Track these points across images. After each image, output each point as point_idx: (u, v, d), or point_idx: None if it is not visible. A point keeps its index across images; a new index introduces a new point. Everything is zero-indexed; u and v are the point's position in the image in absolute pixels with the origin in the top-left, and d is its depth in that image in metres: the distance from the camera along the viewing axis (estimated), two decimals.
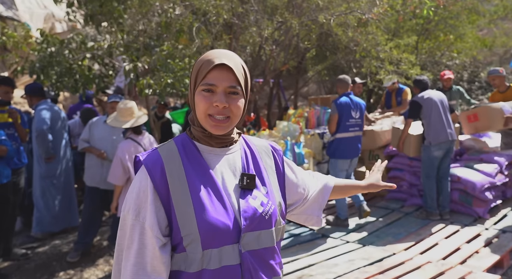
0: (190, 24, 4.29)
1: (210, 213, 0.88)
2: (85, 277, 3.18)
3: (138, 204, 0.90)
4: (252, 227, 0.92)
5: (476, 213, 3.84)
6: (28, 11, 7.48)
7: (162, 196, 0.89)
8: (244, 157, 1.00)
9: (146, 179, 0.90)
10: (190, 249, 0.89)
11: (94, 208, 3.49)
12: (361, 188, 1.25)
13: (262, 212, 0.94)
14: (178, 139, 0.98)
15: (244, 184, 0.95)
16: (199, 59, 0.95)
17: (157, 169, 0.90)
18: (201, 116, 0.93)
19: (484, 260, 2.97)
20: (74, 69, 3.93)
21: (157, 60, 3.65)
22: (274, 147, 1.10)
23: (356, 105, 3.80)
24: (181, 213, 0.88)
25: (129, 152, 2.88)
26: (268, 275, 0.96)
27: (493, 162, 4.13)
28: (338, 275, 2.83)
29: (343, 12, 4.60)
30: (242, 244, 0.91)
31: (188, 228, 0.88)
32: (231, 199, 0.93)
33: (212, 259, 0.88)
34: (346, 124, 3.75)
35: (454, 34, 8.47)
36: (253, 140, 1.08)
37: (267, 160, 1.05)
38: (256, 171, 1.00)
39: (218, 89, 0.91)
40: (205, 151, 0.96)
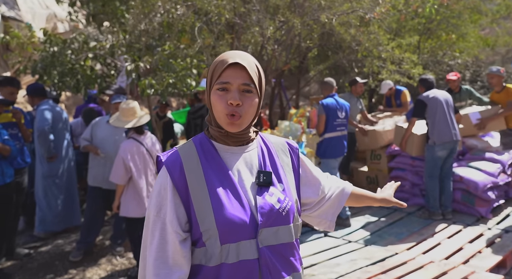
0: (192, 24, 4.29)
1: (227, 209, 0.92)
2: (87, 276, 3.19)
3: (159, 201, 0.94)
4: (269, 223, 0.95)
5: (478, 213, 3.83)
6: (30, 11, 7.50)
7: (181, 193, 0.94)
8: (260, 154, 1.03)
9: (166, 178, 0.95)
10: (209, 243, 0.92)
11: (97, 208, 3.49)
12: (375, 200, 1.26)
13: (279, 208, 0.96)
14: (196, 139, 1.02)
15: (261, 181, 0.97)
16: (214, 60, 0.99)
17: (176, 168, 0.95)
18: (218, 115, 0.95)
19: (487, 260, 2.97)
20: (76, 69, 3.94)
21: (159, 60, 3.65)
22: (291, 145, 1.12)
23: (341, 106, 3.97)
24: (199, 209, 0.92)
25: (131, 151, 2.89)
26: (287, 270, 0.98)
27: (496, 162, 4.11)
28: (340, 274, 2.83)
29: (345, 12, 4.59)
30: (260, 240, 0.93)
31: (207, 223, 0.91)
32: (248, 196, 0.96)
33: (230, 254, 0.91)
34: (333, 124, 3.90)
35: (456, 33, 8.44)
36: (270, 137, 1.11)
37: (283, 157, 1.07)
38: (273, 168, 1.03)
39: (232, 87, 0.93)
40: (222, 149, 0.99)
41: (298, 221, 1.04)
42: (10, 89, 3.29)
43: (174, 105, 9.68)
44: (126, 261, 3.43)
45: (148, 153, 2.96)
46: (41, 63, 3.79)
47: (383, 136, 4.72)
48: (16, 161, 3.13)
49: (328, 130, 3.89)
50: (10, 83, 3.31)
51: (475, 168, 4.02)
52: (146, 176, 3.00)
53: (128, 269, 3.27)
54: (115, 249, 3.54)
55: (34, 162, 3.87)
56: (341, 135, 3.95)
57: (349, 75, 7.92)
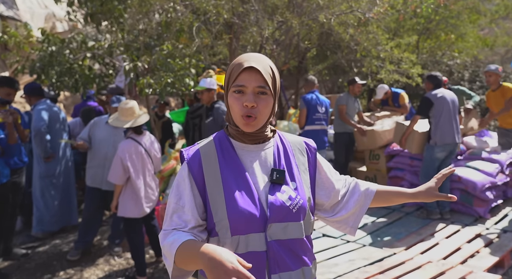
0: (190, 24, 4.28)
1: (239, 203, 0.98)
2: (85, 276, 3.18)
3: (179, 191, 1.03)
4: (279, 218, 1.00)
5: (477, 213, 3.83)
6: (29, 10, 7.49)
7: (199, 185, 1.02)
8: (276, 153, 1.08)
9: (185, 170, 1.04)
10: (221, 234, 0.99)
11: (95, 208, 3.49)
12: (407, 195, 1.17)
13: (289, 205, 1.01)
14: (216, 136, 1.09)
15: (274, 179, 1.02)
16: (231, 63, 1.05)
17: (195, 162, 1.03)
18: (235, 116, 1.02)
19: (484, 260, 2.96)
20: (74, 69, 3.93)
21: (157, 60, 3.64)
22: (308, 144, 1.15)
23: (321, 102, 4.26)
24: (214, 201, 1.00)
25: (129, 151, 2.88)
26: (296, 264, 1.01)
27: (494, 162, 4.11)
28: (338, 275, 2.82)
29: (343, 12, 4.59)
30: (269, 234, 0.99)
31: (219, 215, 0.98)
32: (260, 192, 1.01)
33: (240, 244, 0.98)
34: (313, 118, 4.20)
35: (455, 33, 8.45)
36: (289, 136, 1.15)
37: (300, 156, 1.11)
38: (287, 166, 1.07)
39: (248, 90, 0.99)
40: (239, 147, 1.06)
41: (311, 218, 1.08)
42: (7, 90, 3.27)
43: (173, 105, 9.66)
44: (124, 261, 3.42)
45: (146, 153, 2.95)
46: (39, 63, 3.78)
47: (381, 136, 4.71)
48: (13, 161, 3.12)
49: (307, 123, 4.20)
50: (7, 83, 3.29)
51: (473, 168, 4.02)
52: (144, 176, 2.99)
53: (126, 269, 3.26)
54: (113, 249, 3.54)
55: (32, 161, 3.86)
56: (320, 129, 4.22)
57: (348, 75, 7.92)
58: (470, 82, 8.02)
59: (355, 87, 4.78)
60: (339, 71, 8.38)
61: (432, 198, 1.14)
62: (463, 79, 8.06)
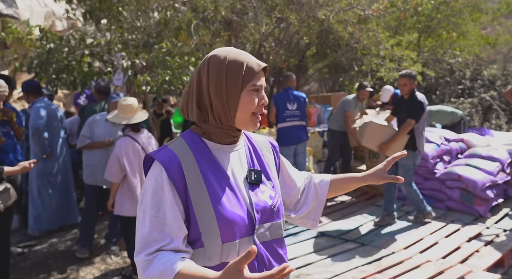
0: (189, 21, 4.26)
1: (227, 207, 0.92)
2: (81, 275, 3.16)
3: (156, 201, 0.90)
4: (264, 219, 0.98)
5: (477, 212, 3.79)
6: (28, 9, 7.48)
7: (180, 192, 0.91)
8: (248, 153, 1.05)
9: (161, 176, 0.91)
10: (209, 243, 0.91)
11: (95, 206, 3.50)
12: (358, 180, 1.18)
13: (271, 204, 1.00)
14: (186, 136, 1.00)
15: (252, 179, 0.99)
16: (231, 60, 0.95)
17: (174, 166, 0.92)
18: (245, 115, 0.97)
19: (484, 259, 2.93)
20: (73, 66, 3.91)
21: (155, 58, 3.62)
22: (273, 143, 1.15)
23: (293, 99, 4.28)
24: (199, 208, 0.91)
25: (126, 149, 2.86)
26: (279, 264, 1.00)
27: (495, 160, 4.07)
28: (336, 274, 2.80)
29: (342, 9, 4.55)
30: (257, 236, 0.96)
31: (207, 222, 0.91)
32: (242, 194, 0.97)
33: (231, 252, 0.92)
34: (283, 115, 4.25)
35: (456, 32, 8.39)
36: (254, 136, 1.12)
37: (268, 155, 1.10)
38: (261, 166, 1.05)
39: (261, 89, 0.98)
40: (215, 148, 0.99)
41: (284, 216, 1.09)
42: None
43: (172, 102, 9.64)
44: (121, 260, 3.40)
45: (143, 151, 2.93)
46: (37, 60, 3.76)
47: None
48: (8, 159, 3.11)
49: (279, 121, 4.27)
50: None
51: (473, 167, 3.98)
52: (141, 174, 2.97)
53: (123, 268, 3.24)
54: (109, 248, 3.52)
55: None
56: (292, 125, 4.26)
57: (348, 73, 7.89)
58: (472, 81, 7.96)
59: (361, 94, 4.73)
60: (340, 69, 8.34)
61: (380, 180, 1.13)
62: (464, 78, 7.99)
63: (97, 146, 3.47)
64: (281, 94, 4.39)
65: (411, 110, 3.57)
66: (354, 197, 4.73)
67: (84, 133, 3.49)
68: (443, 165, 4.31)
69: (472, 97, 7.51)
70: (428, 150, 4.20)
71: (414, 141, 3.61)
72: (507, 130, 6.70)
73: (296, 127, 4.28)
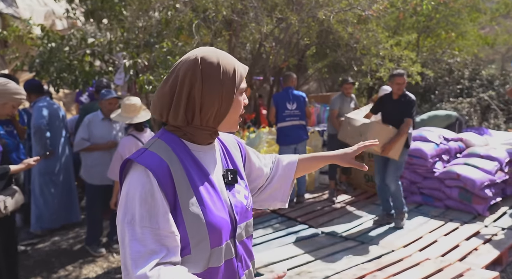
0: (190, 21, 4.28)
1: (214, 212, 0.90)
2: (84, 273, 3.19)
3: (147, 209, 0.83)
4: (241, 219, 0.98)
5: (475, 210, 3.83)
6: (28, 8, 7.48)
7: (169, 198, 0.86)
8: (221, 152, 1.03)
9: (150, 182, 0.84)
10: (198, 250, 0.88)
11: (101, 204, 3.50)
12: (325, 158, 1.20)
13: (246, 205, 1.00)
14: (164, 137, 0.93)
15: (229, 179, 0.98)
16: (225, 64, 0.92)
17: (162, 171, 0.86)
18: (234, 117, 0.96)
19: (483, 257, 2.97)
20: (74, 65, 3.93)
21: (156, 57, 3.64)
22: (238, 140, 1.14)
23: (292, 99, 4.32)
24: (188, 215, 0.87)
25: (130, 148, 2.89)
26: (250, 260, 1.02)
27: (493, 159, 4.11)
28: (336, 271, 2.83)
29: (342, 9, 4.58)
30: (236, 237, 0.96)
31: (196, 229, 0.87)
32: (224, 196, 0.95)
33: (218, 256, 0.90)
34: (283, 115, 4.30)
35: (455, 32, 8.43)
36: (221, 135, 1.09)
37: (236, 153, 1.09)
38: (233, 165, 1.04)
39: (245, 90, 0.99)
40: (195, 149, 0.95)
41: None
42: None
43: None
44: None
45: None
46: (39, 59, 3.78)
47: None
48: (12, 158, 3.12)
49: (279, 120, 4.32)
50: None
51: (472, 166, 4.02)
52: None
53: None
54: (111, 246, 3.54)
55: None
56: (291, 125, 4.31)
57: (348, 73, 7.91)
58: (470, 81, 8.00)
59: (344, 89, 4.63)
60: (339, 69, 8.36)
61: (345, 164, 1.17)
62: (463, 78, 8.03)
63: (101, 147, 3.42)
64: (280, 93, 4.42)
65: (408, 109, 3.59)
66: (354, 195, 4.77)
67: (83, 136, 3.38)
68: (442, 164, 4.35)
69: (470, 97, 7.54)
70: (427, 149, 4.24)
71: (407, 139, 3.66)
72: (505, 129, 6.75)
73: (296, 126, 4.32)
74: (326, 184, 5.17)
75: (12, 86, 2.28)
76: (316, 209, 4.30)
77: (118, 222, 0.85)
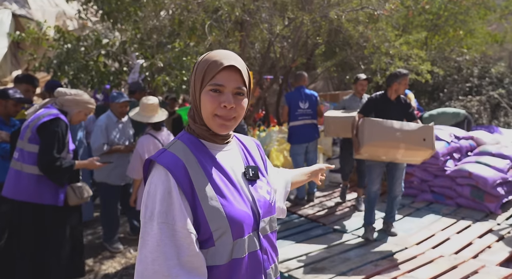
0: (202, 22, 4.34)
1: (234, 205, 0.94)
2: (103, 269, 3.27)
3: (165, 206, 0.88)
4: (264, 214, 1.02)
5: (487, 209, 3.85)
6: (40, 9, 7.58)
7: (187, 195, 0.90)
8: (242, 151, 1.08)
9: (168, 181, 0.89)
10: (221, 242, 0.92)
11: (116, 202, 3.58)
12: (306, 176, 1.42)
13: (269, 199, 1.04)
14: (183, 138, 0.99)
15: (251, 175, 1.02)
16: (203, 59, 0.96)
17: (179, 169, 0.91)
18: (207, 115, 0.95)
19: (496, 254, 3.00)
20: (90, 66, 4.01)
21: (172, 58, 3.71)
22: (256, 142, 1.19)
23: (305, 98, 4.34)
24: (208, 209, 0.91)
25: (148, 147, 2.96)
26: (275, 254, 1.07)
27: (505, 157, 4.12)
28: (351, 268, 2.88)
29: (354, 9, 4.61)
30: (260, 231, 1.00)
31: (218, 222, 0.91)
32: (244, 191, 0.99)
33: (241, 248, 0.94)
34: (295, 114, 4.32)
35: (464, 29, 8.39)
36: (241, 136, 1.15)
37: (256, 153, 1.14)
38: (254, 163, 1.09)
39: (226, 90, 0.94)
40: (212, 148, 1.00)
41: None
42: (25, 87, 3.33)
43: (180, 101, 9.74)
44: None
45: None
46: (56, 60, 3.86)
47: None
48: None
49: (291, 119, 4.34)
50: (26, 80, 3.35)
51: (484, 164, 4.03)
52: None
53: None
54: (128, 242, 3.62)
55: None
56: (304, 124, 4.33)
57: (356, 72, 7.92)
58: (479, 79, 7.97)
59: (358, 86, 4.28)
60: (347, 68, 8.37)
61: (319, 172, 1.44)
62: (472, 76, 8.01)
63: (122, 150, 3.43)
64: (293, 93, 4.46)
65: (413, 113, 3.34)
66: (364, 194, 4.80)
67: (103, 141, 3.36)
68: (453, 162, 4.37)
69: (480, 95, 7.53)
70: (438, 147, 4.26)
71: None
72: None
73: (307, 125, 4.36)
74: (336, 182, 5.21)
75: (86, 96, 2.57)
76: (327, 207, 4.35)
77: (141, 218, 0.92)
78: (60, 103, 2.48)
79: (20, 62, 7.17)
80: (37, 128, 2.31)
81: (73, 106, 2.50)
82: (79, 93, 2.53)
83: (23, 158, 2.34)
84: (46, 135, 2.30)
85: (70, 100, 2.48)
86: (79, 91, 2.56)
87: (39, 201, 2.32)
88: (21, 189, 2.32)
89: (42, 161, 2.27)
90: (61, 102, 2.48)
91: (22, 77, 3.37)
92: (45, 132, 2.30)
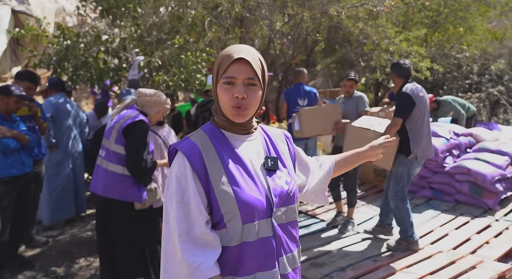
0: (202, 18, 4.33)
1: (246, 191, 0.99)
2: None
3: (181, 187, 0.98)
4: (281, 203, 1.05)
5: (486, 205, 3.87)
6: (39, 5, 7.57)
7: (201, 178, 0.99)
8: (264, 142, 1.12)
9: (184, 165, 0.99)
10: (231, 224, 0.99)
11: None
12: (362, 154, 1.36)
13: (287, 189, 1.07)
14: (206, 128, 1.08)
15: (269, 166, 1.06)
16: (220, 54, 1.04)
17: (195, 155, 1.00)
18: (224, 106, 1.02)
19: (494, 250, 3.02)
20: (89, 63, 4.01)
21: (170, 56, 3.70)
22: (286, 134, 1.23)
23: (304, 94, 4.34)
24: (220, 193, 0.98)
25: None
26: (294, 245, 1.09)
27: (504, 154, 4.14)
28: (350, 263, 2.90)
29: (354, 5, 4.60)
30: (274, 218, 1.03)
31: (228, 206, 0.98)
32: (260, 179, 1.04)
33: (251, 232, 0.99)
34: (294, 111, 4.27)
35: (464, 26, 8.39)
36: (268, 128, 1.20)
37: (282, 145, 1.18)
38: (276, 154, 1.12)
39: (238, 81, 1.00)
40: (231, 137, 1.07)
41: (299, 201, 1.17)
42: (27, 84, 3.33)
43: (181, 98, 9.74)
44: None
45: (164, 144, 3.04)
46: (56, 57, 3.86)
47: None
48: (33, 152, 3.22)
49: (290, 116, 4.30)
50: (28, 78, 3.36)
51: (483, 160, 4.05)
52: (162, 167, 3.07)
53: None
54: None
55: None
56: None
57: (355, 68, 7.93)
58: (479, 75, 7.98)
59: (343, 85, 3.63)
60: (347, 65, 8.38)
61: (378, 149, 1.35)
62: (472, 73, 8.02)
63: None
64: (292, 89, 4.48)
65: (397, 105, 2.99)
66: (364, 190, 4.83)
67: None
68: (452, 159, 4.39)
69: (479, 92, 7.54)
70: (438, 144, 4.27)
71: (407, 144, 2.96)
72: None
73: None
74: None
75: (164, 97, 2.63)
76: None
77: (164, 197, 1.04)
78: (141, 104, 2.56)
79: (19, 58, 7.17)
80: (123, 130, 2.41)
81: (153, 106, 2.57)
82: (158, 93, 2.58)
83: (109, 157, 2.45)
84: (131, 138, 2.40)
85: (151, 101, 2.55)
86: (157, 92, 2.61)
87: (123, 198, 2.45)
88: (108, 186, 2.44)
89: (130, 163, 2.39)
90: (142, 103, 2.56)
91: (24, 75, 3.37)
92: (131, 135, 2.40)
